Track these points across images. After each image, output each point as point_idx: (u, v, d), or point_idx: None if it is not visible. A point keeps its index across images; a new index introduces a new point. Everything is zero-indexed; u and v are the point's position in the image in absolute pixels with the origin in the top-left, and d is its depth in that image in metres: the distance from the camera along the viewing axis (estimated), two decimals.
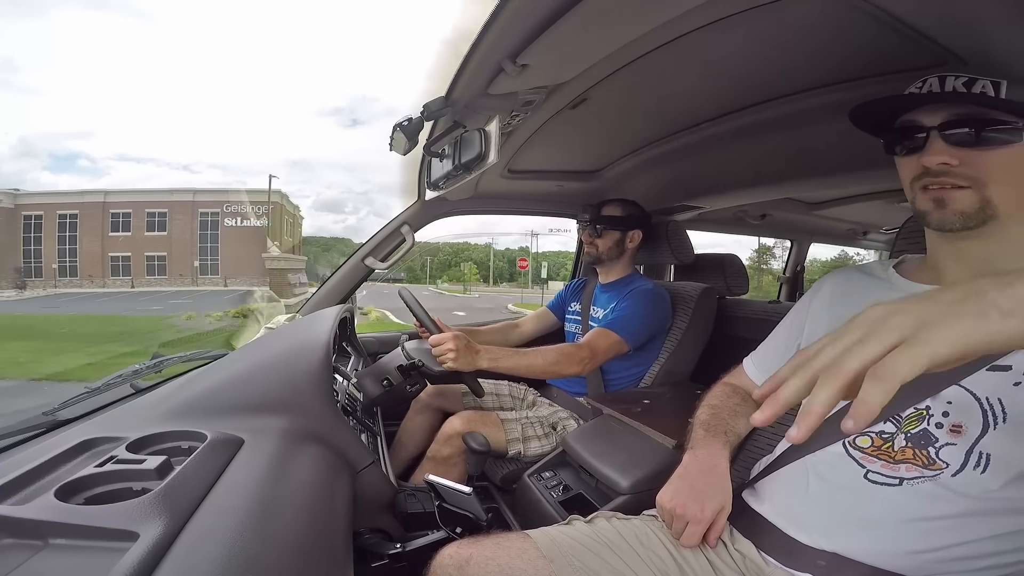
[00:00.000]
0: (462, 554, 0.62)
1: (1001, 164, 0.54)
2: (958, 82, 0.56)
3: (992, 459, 0.51)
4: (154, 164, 62.59)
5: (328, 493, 0.61)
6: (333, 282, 1.57)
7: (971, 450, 0.52)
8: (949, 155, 0.55)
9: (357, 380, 1.09)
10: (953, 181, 0.56)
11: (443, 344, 1.10)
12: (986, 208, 0.55)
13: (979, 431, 0.52)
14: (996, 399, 0.51)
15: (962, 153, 0.55)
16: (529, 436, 1.30)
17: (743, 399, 0.83)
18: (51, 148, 61.62)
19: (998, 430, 0.51)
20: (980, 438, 0.51)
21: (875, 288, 0.70)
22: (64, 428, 0.69)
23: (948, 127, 0.56)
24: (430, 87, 0.83)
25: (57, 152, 61.90)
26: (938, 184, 0.57)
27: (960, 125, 0.55)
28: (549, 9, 0.61)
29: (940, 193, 0.57)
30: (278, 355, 0.85)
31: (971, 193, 0.55)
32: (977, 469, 0.51)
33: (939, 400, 0.55)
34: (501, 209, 1.85)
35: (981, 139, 0.54)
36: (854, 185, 1.67)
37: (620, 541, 0.66)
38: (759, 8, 0.68)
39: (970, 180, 0.55)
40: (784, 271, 2.99)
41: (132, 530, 0.38)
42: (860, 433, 0.59)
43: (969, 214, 0.55)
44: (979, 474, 0.51)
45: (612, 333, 1.31)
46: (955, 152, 0.55)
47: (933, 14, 0.66)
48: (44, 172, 59.45)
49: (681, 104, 1.09)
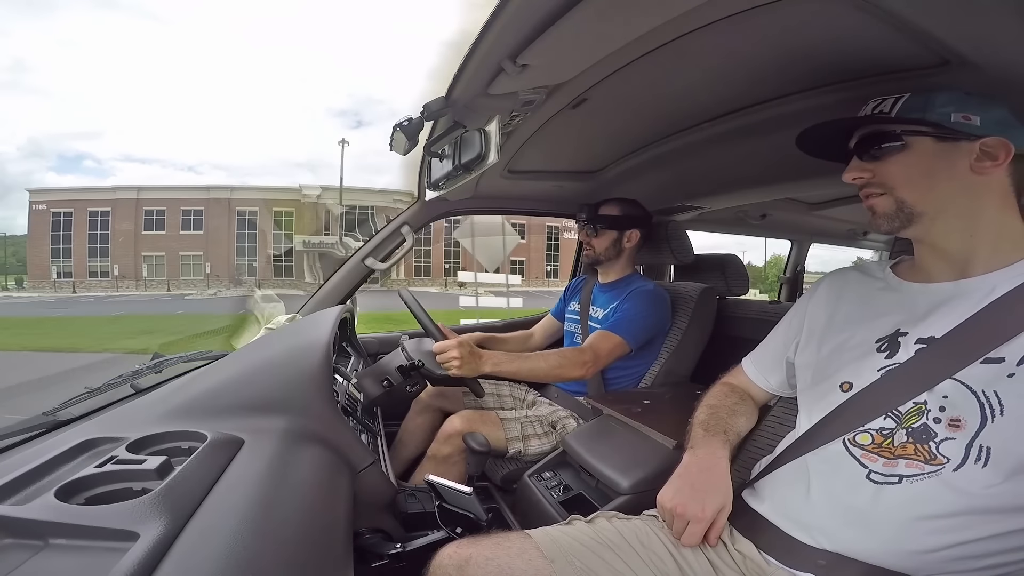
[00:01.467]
0: (462, 554, 0.62)
1: (900, 168, 0.62)
2: (868, 106, 0.66)
3: (993, 452, 0.51)
4: (159, 165, 62.71)
5: (328, 493, 0.61)
6: (333, 282, 1.57)
7: (971, 444, 0.52)
8: (860, 169, 0.65)
9: (357, 380, 1.09)
10: (871, 191, 0.65)
11: (447, 352, 1.10)
12: (903, 208, 0.63)
13: (978, 424, 0.52)
14: (992, 391, 0.52)
15: (872, 166, 0.64)
16: (529, 435, 1.30)
17: (741, 398, 0.84)
18: (59, 149, 61.66)
19: (996, 423, 0.51)
20: (979, 431, 0.52)
21: (872, 288, 0.71)
22: (64, 428, 0.69)
23: (859, 146, 0.66)
24: (433, 88, 0.83)
25: (65, 153, 62.02)
26: (865, 195, 0.66)
27: (865, 142, 0.65)
28: (549, 9, 0.61)
29: (868, 202, 0.66)
30: (278, 355, 0.85)
31: (887, 198, 0.64)
32: (978, 463, 0.51)
33: (935, 394, 0.56)
34: (501, 209, 1.85)
35: (880, 151, 0.63)
36: (854, 185, 1.67)
37: (621, 541, 0.66)
38: (759, 8, 0.68)
39: (882, 187, 0.64)
40: (784, 271, 3.00)
41: (132, 530, 0.38)
42: (860, 430, 0.60)
43: (891, 215, 0.64)
44: (980, 468, 0.51)
45: (614, 335, 1.31)
46: (866, 166, 0.65)
47: (934, 15, 0.66)
48: (50, 173, 59.53)
49: (681, 104, 1.09)
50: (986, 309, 0.56)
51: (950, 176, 0.60)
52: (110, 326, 11.79)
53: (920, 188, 0.61)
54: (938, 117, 0.60)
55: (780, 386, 0.82)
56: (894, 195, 0.63)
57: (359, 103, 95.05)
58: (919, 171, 0.61)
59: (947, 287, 0.62)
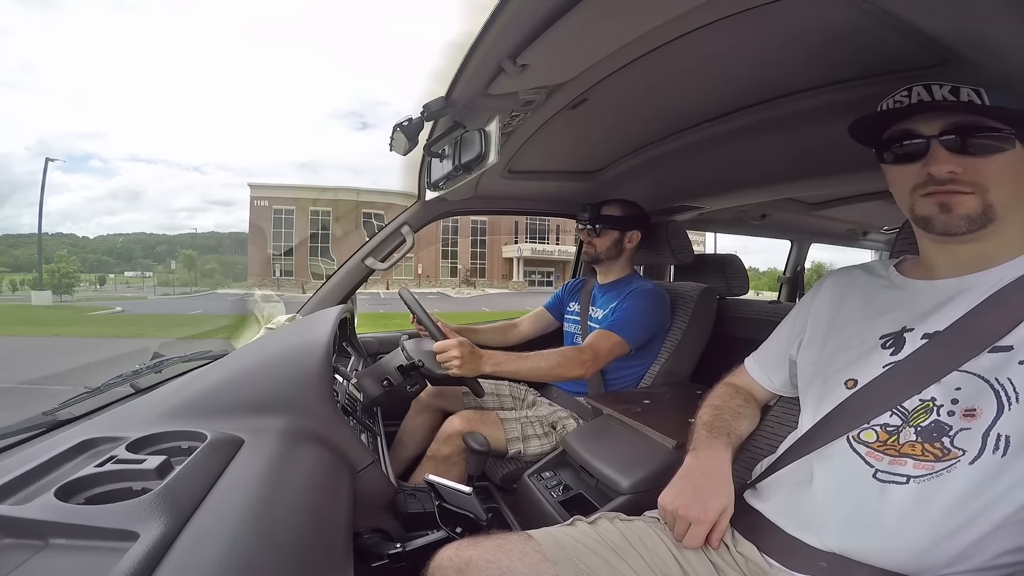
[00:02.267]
0: (462, 556, 0.62)
1: (998, 170, 0.57)
2: (944, 90, 0.58)
3: (1012, 440, 0.50)
4: (165, 165, 62.94)
5: (328, 493, 0.61)
6: (333, 282, 1.57)
7: (988, 432, 0.51)
8: (954, 163, 0.57)
9: (357, 380, 1.09)
10: (958, 188, 0.57)
11: (448, 351, 1.10)
12: (988, 212, 0.57)
13: (995, 413, 0.51)
14: (1006, 378, 0.51)
15: (964, 161, 0.57)
16: (529, 435, 1.30)
17: (746, 400, 0.83)
18: (67, 148, 61.71)
19: (1013, 410, 0.50)
20: (996, 420, 0.51)
21: (876, 287, 0.70)
22: (64, 428, 0.69)
23: (947, 135, 0.58)
24: (434, 88, 0.83)
25: (73, 152, 62.08)
26: (944, 190, 0.58)
27: (956, 133, 0.57)
28: (549, 9, 0.61)
29: (945, 198, 0.58)
30: (278, 355, 0.85)
31: (975, 198, 0.57)
32: (997, 452, 0.50)
33: (945, 388, 0.55)
34: (501, 209, 1.85)
35: (979, 147, 0.57)
36: (854, 185, 1.67)
37: (623, 543, 0.66)
38: (759, 8, 0.68)
39: (973, 186, 0.57)
40: (784, 271, 2.99)
41: (132, 530, 0.38)
42: (864, 427, 0.59)
43: (974, 218, 0.57)
44: (1000, 458, 0.50)
45: (613, 335, 1.31)
46: (959, 160, 0.57)
47: (934, 14, 0.66)
48: (55, 172, 59.42)
49: (681, 104, 1.09)
50: (991, 299, 0.56)
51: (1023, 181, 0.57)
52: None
53: (1010, 192, 0.57)
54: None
55: (783, 385, 0.82)
56: (985, 196, 0.56)
57: (364, 105, 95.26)
58: (1012, 174, 0.57)
59: (952, 283, 0.61)
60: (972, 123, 0.57)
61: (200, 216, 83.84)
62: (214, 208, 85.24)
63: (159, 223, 78.99)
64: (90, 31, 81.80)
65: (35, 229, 26.52)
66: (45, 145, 60.77)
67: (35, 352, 7.26)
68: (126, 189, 69.55)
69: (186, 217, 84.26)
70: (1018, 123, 0.56)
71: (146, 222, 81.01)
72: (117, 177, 57.66)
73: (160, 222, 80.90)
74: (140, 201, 76.23)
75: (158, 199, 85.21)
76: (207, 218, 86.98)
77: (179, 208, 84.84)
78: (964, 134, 0.57)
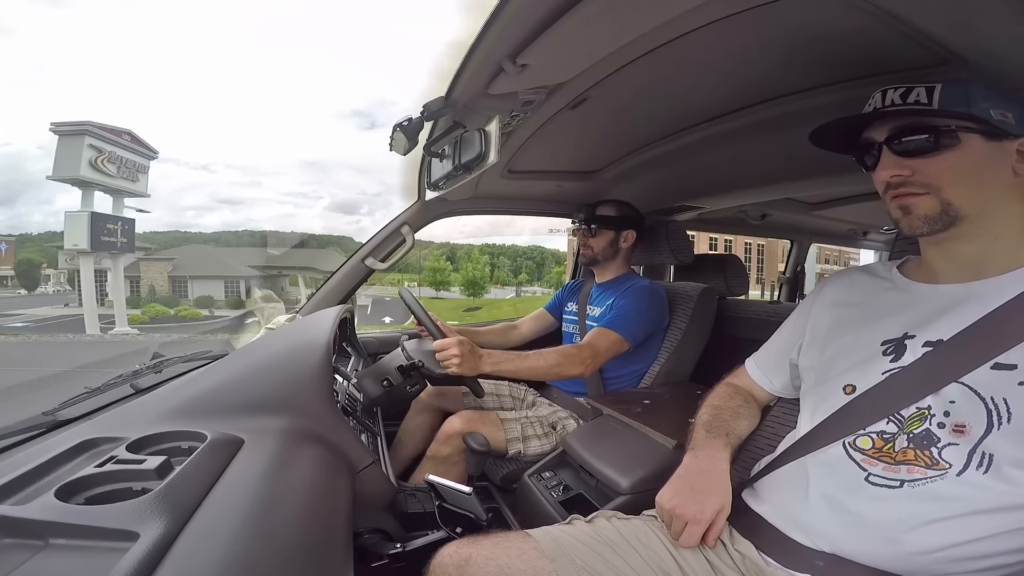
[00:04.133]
0: (461, 554, 0.62)
1: (950, 167, 0.57)
2: (896, 94, 0.60)
3: (995, 459, 0.50)
4: (174, 164, 63.12)
5: (328, 493, 0.61)
6: (333, 282, 1.57)
7: (974, 450, 0.51)
8: (899, 167, 0.59)
9: (357, 380, 1.09)
10: (911, 189, 0.59)
11: (447, 350, 1.10)
12: (948, 210, 0.57)
13: (983, 431, 0.51)
14: (1001, 398, 0.51)
15: (913, 163, 0.58)
16: (529, 436, 1.30)
17: (745, 401, 0.83)
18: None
19: (1002, 430, 0.50)
20: (984, 438, 0.51)
21: (878, 288, 0.70)
22: (64, 428, 0.68)
23: (893, 140, 0.59)
24: (439, 87, 0.83)
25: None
26: (900, 194, 0.60)
27: (902, 136, 0.59)
28: (549, 9, 0.61)
29: (904, 200, 0.60)
30: (278, 355, 0.85)
31: (930, 198, 0.58)
32: (979, 470, 0.51)
33: (941, 399, 0.55)
34: (501, 209, 1.85)
35: (922, 148, 0.58)
36: (854, 185, 1.67)
37: (621, 540, 0.66)
38: (759, 8, 0.68)
39: (926, 187, 0.58)
40: (784, 271, 2.99)
41: (132, 530, 0.38)
42: (861, 434, 0.59)
43: (933, 218, 0.58)
44: (981, 474, 0.51)
45: (611, 332, 1.32)
46: (906, 162, 0.59)
47: (934, 14, 0.66)
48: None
49: (681, 104, 1.09)
50: (997, 311, 0.55)
51: (996, 178, 0.57)
52: None
53: (969, 189, 0.57)
54: (981, 113, 0.56)
55: (784, 388, 0.81)
56: (940, 196, 0.57)
57: (373, 104, 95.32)
58: (969, 171, 0.56)
59: (957, 289, 0.60)
60: (915, 124, 0.58)
61: (208, 215, 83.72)
62: (222, 207, 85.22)
63: (167, 221, 79.03)
64: (101, 30, 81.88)
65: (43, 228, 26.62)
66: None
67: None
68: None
69: (194, 216, 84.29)
70: (972, 119, 0.56)
71: (154, 220, 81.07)
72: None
73: (168, 220, 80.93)
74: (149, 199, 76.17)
75: (166, 197, 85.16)
76: (215, 217, 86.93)
77: (187, 207, 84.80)
78: (907, 136, 0.58)
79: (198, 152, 69.01)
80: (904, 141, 0.58)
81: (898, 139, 0.59)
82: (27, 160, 59.92)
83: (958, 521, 0.51)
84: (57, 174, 16.76)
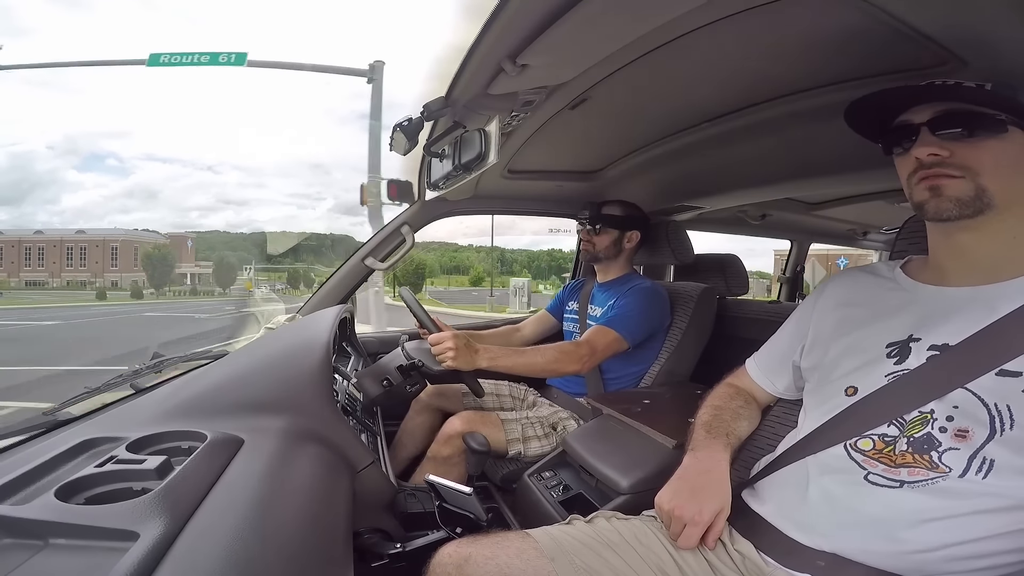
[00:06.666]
0: (461, 553, 0.62)
1: (991, 155, 0.56)
2: (943, 81, 0.58)
3: (996, 465, 0.50)
4: (180, 164, 63.50)
5: (328, 493, 0.61)
6: (333, 282, 1.57)
7: (974, 455, 0.51)
8: (939, 147, 0.57)
9: (357, 380, 1.09)
10: (946, 171, 0.57)
11: (442, 343, 1.10)
12: (982, 196, 0.56)
13: (985, 436, 0.51)
14: (1005, 405, 0.51)
15: (952, 146, 0.57)
16: (529, 436, 1.30)
17: (746, 401, 0.83)
18: (92, 147, 62.24)
19: (1004, 436, 0.50)
20: (985, 444, 0.51)
21: (882, 288, 0.69)
22: (64, 428, 0.69)
23: (936, 123, 0.58)
24: (441, 88, 0.83)
25: (98, 151, 62.67)
26: (931, 173, 0.58)
27: (947, 120, 0.57)
28: (549, 9, 0.61)
29: (935, 181, 0.58)
30: (278, 355, 0.85)
31: (965, 182, 0.56)
32: (979, 475, 0.51)
33: (944, 403, 0.54)
34: (501, 209, 1.85)
35: (969, 132, 0.56)
36: (854, 185, 1.68)
37: (620, 540, 0.66)
38: (759, 8, 0.68)
39: (963, 170, 0.56)
40: (784, 271, 2.99)
41: (132, 530, 0.38)
42: (861, 436, 0.59)
43: (965, 201, 0.56)
44: (981, 479, 0.51)
45: (611, 331, 1.31)
46: (945, 145, 0.57)
47: (933, 14, 0.66)
48: (71, 171, 59.89)
49: (681, 104, 1.09)
50: (1007, 318, 0.54)
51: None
52: None
53: (1007, 179, 0.56)
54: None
55: (787, 389, 0.81)
56: (976, 180, 0.56)
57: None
58: (1009, 161, 0.56)
59: (965, 292, 0.60)
60: (961, 109, 0.57)
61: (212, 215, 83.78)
62: (226, 208, 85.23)
63: (171, 221, 79.14)
64: (114, 33, 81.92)
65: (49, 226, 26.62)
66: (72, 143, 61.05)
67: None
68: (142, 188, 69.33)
69: (199, 216, 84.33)
70: (1017, 112, 0.56)
71: (158, 221, 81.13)
72: (133, 176, 57.99)
73: (172, 220, 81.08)
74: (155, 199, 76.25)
75: (172, 198, 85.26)
76: (218, 217, 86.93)
77: (192, 207, 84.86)
78: (953, 120, 0.57)
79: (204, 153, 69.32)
80: (949, 122, 0.57)
81: (941, 122, 0.57)
82: (36, 160, 60.21)
83: (958, 520, 0.51)
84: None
